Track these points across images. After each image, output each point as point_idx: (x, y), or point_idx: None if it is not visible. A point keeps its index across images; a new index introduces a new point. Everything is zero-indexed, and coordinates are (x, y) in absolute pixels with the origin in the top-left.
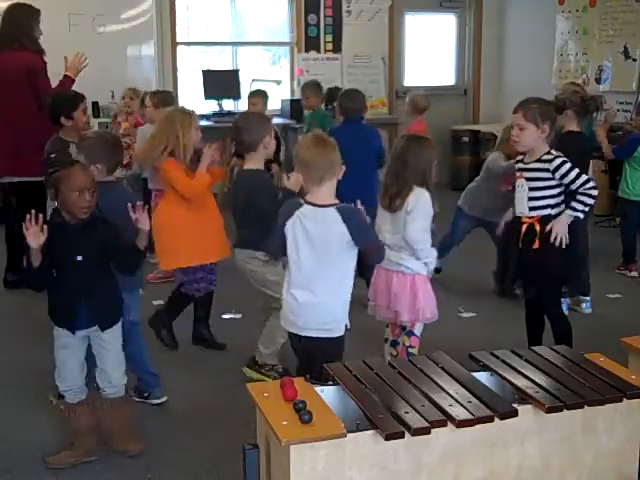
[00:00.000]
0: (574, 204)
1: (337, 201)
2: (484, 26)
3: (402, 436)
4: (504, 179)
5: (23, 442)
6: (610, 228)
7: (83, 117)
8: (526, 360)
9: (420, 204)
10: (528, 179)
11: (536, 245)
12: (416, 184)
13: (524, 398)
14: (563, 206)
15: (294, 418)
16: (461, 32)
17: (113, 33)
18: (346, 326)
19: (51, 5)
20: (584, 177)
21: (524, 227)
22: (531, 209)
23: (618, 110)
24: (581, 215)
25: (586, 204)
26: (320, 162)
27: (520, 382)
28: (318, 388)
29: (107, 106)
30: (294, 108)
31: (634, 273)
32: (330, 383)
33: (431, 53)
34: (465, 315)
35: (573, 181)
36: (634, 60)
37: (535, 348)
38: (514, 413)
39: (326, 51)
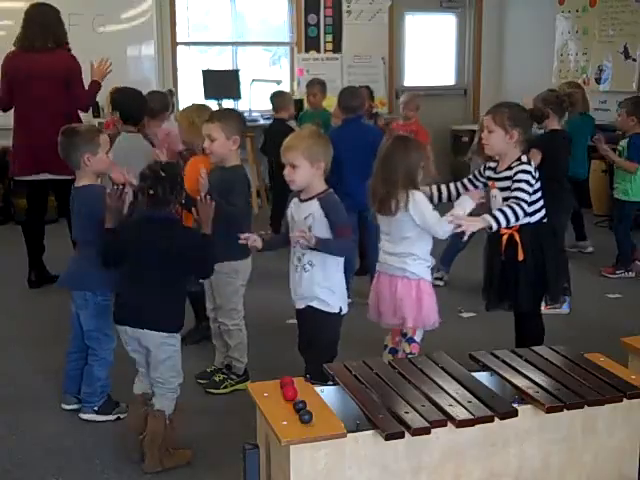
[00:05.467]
0: (497, 213)
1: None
2: (484, 26)
3: (402, 436)
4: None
5: (23, 442)
6: (610, 228)
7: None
8: (526, 360)
9: (420, 206)
10: (501, 189)
11: (520, 257)
12: (404, 187)
13: (524, 398)
14: (543, 212)
15: (294, 418)
16: (461, 32)
17: (113, 33)
18: None
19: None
20: (523, 195)
21: (504, 238)
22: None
23: (617, 111)
24: (494, 226)
25: (508, 218)
26: None
27: (520, 382)
28: (318, 388)
29: (107, 106)
30: (295, 108)
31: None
32: (330, 383)
33: (431, 53)
34: (465, 315)
35: (514, 190)
36: (634, 60)
37: (535, 348)
38: (514, 413)
39: (326, 51)
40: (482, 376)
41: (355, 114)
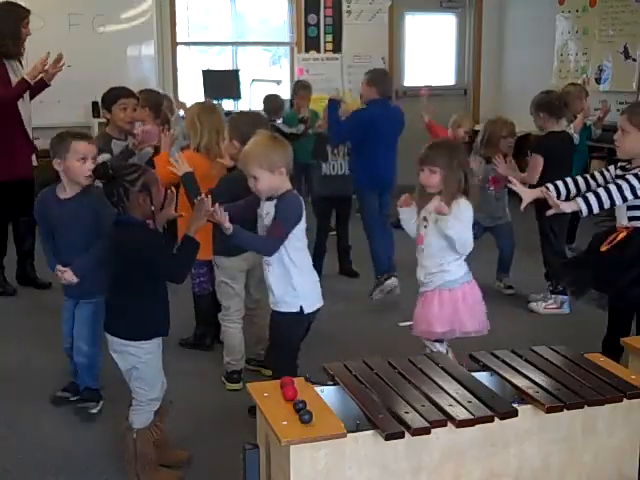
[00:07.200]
0: (590, 196)
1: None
2: (484, 26)
3: (402, 436)
4: (490, 181)
5: (23, 442)
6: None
7: (120, 113)
8: (526, 360)
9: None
10: None
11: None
12: None
13: (524, 398)
14: None
15: (294, 418)
16: (461, 32)
17: (113, 33)
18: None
19: (51, 5)
20: (626, 185)
21: (621, 235)
22: (630, 219)
23: (618, 110)
24: (585, 211)
25: (601, 200)
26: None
27: (520, 382)
28: (318, 388)
29: None
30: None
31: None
32: (330, 383)
33: (431, 53)
34: None
35: (624, 177)
36: (634, 60)
37: (535, 348)
38: (514, 413)
39: (326, 51)
40: (482, 376)
41: (385, 96)
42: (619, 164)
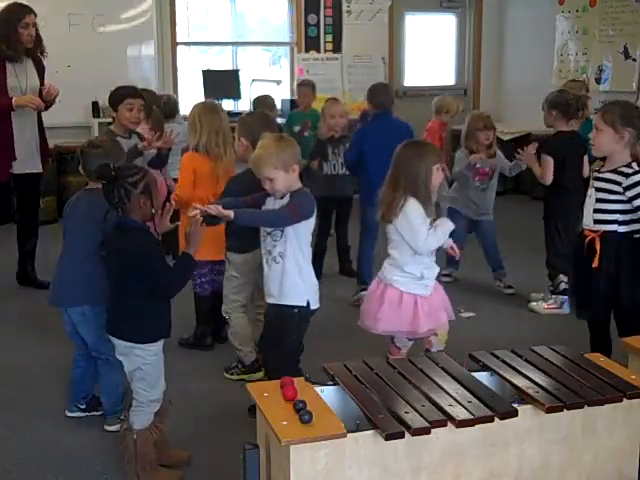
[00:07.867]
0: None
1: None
2: (484, 26)
3: (402, 436)
4: (476, 172)
5: (23, 442)
6: None
7: (126, 113)
8: (526, 360)
9: (408, 213)
10: (598, 189)
11: (594, 264)
12: (405, 191)
13: (524, 398)
14: (635, 225)
15: (294, 418)
16: (461, 32)
17: (113, 33)
18: None
19: (51, 5)
20: None
21: (586, 241)
22: (596, 222)
23: None
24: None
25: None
26: None
27: (520, 382)
28: (318, 388)
29: (107, 106)
30: (294, 108)
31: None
32: (330, 383)
33: (431, 53)
34: (465, 315)
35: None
36: (634, 60)
37: (535, 348)
38: (514, 413)
39: (326, 51)
40: (482, 376)
41: (385, 109)
42: (593, 168)
